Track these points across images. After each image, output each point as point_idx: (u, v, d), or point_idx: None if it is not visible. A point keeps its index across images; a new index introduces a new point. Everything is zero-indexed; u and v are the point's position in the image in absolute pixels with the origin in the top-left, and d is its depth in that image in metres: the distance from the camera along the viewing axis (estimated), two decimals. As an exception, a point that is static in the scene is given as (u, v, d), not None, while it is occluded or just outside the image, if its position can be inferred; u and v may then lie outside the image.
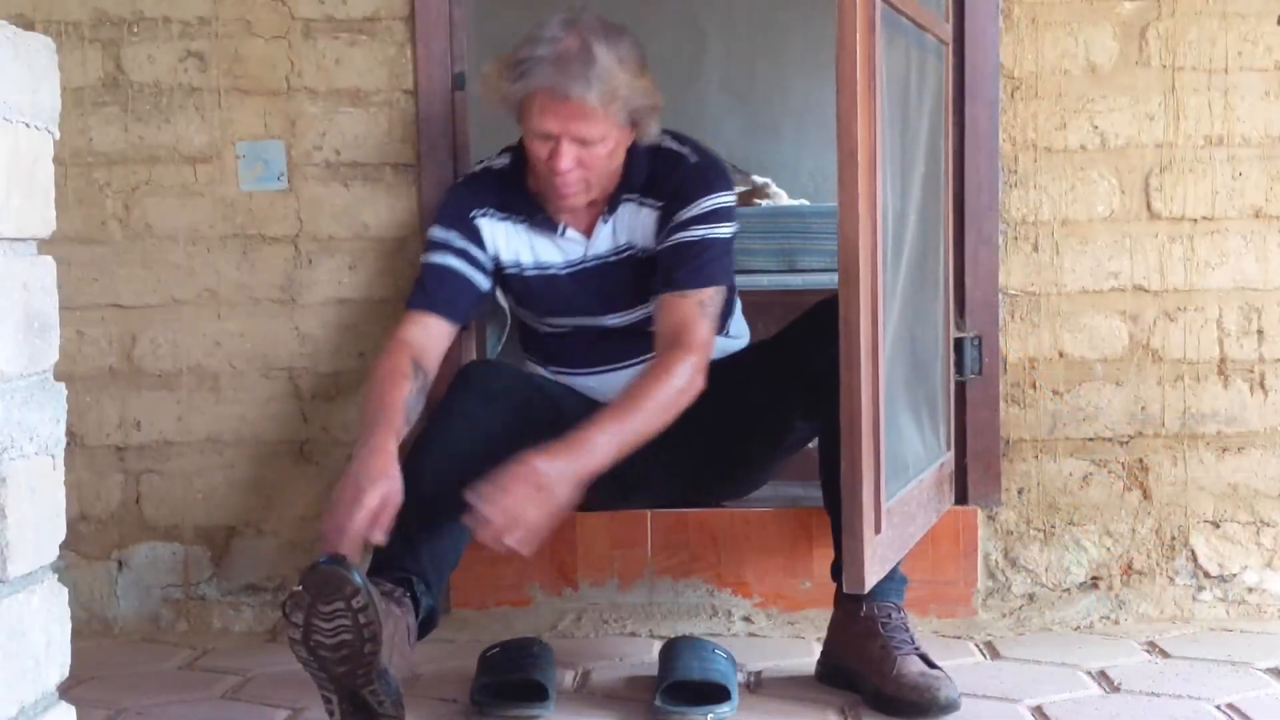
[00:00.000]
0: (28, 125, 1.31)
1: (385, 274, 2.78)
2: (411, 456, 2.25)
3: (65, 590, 1.37)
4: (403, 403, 2.26)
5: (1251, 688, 2.27)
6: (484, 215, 2.52)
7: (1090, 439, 2.79)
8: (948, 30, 2.68)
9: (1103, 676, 2.35)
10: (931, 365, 2.54)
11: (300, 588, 1.96)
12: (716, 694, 2.16)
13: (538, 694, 2.20)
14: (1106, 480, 2.79)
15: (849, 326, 2.02)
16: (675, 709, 2.12)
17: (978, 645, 2.58)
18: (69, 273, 2.75)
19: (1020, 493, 2.79)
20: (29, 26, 2.71)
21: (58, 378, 1.38)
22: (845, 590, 2.08)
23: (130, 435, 2.79)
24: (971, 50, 2.74)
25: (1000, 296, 2.77)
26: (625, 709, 2.21)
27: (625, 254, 2.52)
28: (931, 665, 2.21)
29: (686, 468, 2.60)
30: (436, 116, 2.76)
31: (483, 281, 2.51)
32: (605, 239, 2.52)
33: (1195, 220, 2.77)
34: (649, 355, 2.43)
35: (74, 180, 2.77)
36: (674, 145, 2.54)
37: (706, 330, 2.38)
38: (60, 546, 1.37)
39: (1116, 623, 2.74)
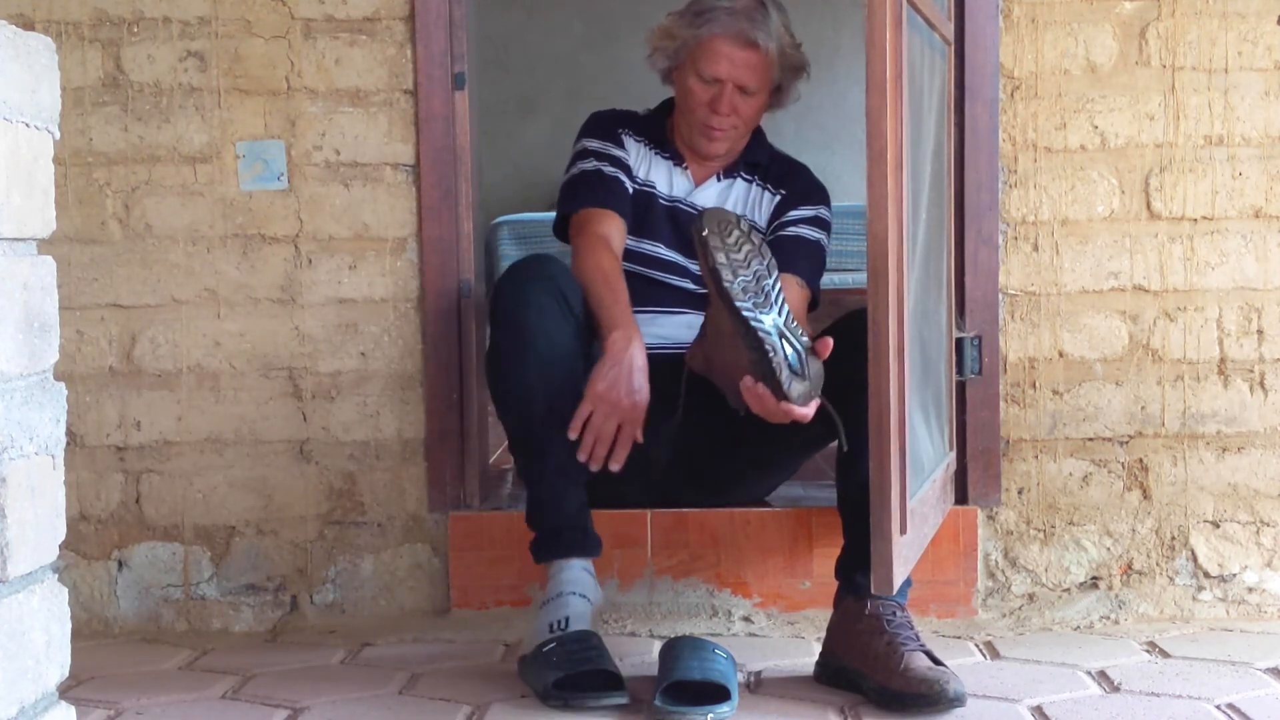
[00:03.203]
0: (28, 125, 1.31)
1: (385, 274, 2.79)
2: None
3: (65, 590, 1.38)
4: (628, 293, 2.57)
5: (1251, 688, 2.27)
6: (625, 133, 2.81)
7: (1090, 439, 2.79)
8: (950, 30, 2.68)
9: (1103, 676, 2.35)
10: (938, 366, 2.54)
11: (705, 233, 2.15)
12: (716, 694, 2.15)
13: (613, 684, 2.22)
14: (1106, 480, 2.79)
15: (877, 326, 2.00)
16: (675, 709, 2.12)
17: (978, 645, 2.58)
18: (69, 273, 2.76)
19: (1020, 493, 2.79)
20: (29, 26, 2.71)
21: (58, 378, 1.38)
22: (874, 591, 2.07)
23: (130, 435, 2.79)
24: (972, 50, 2.74)
25: (1000, 296, 2.77)
26: (626, 708, 2.21)
27: None
28: (937, 662, 2.21)
29: (705, 466, 2.62)
30: (436, 116, 2.76)
31: (630, 185, 2.76)
32: (711, 196, 2.79)
33: (1195, 220, 2.77)
34: (678, 310, 2.73)
35: (74, 180, 2.77)
36: (792, 156, 2.89)
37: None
38: (60, 546, 1.37)
39: (1116, 623, 2.74)
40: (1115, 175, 2.77)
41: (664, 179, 2.80)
